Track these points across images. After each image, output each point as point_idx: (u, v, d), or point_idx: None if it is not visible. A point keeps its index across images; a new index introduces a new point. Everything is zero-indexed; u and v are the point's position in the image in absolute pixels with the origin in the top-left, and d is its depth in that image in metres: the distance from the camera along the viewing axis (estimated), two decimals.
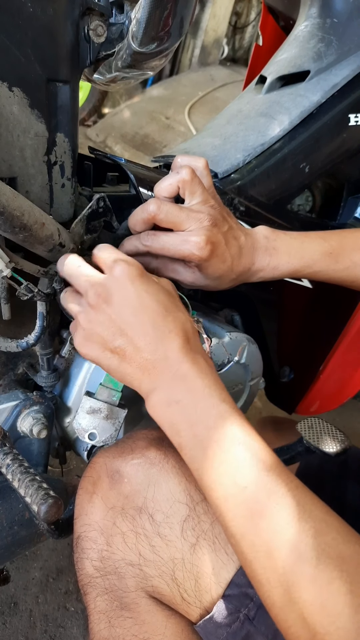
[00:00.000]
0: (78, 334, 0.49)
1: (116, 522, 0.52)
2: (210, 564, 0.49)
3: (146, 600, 0.51)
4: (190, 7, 0.48)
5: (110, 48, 0.51)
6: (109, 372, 0.50)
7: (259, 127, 0.75)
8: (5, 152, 0.46)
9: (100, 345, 0.48)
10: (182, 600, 0.50)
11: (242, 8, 4.63)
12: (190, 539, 0.50)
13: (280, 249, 0.60)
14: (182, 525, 0.50)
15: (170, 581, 0.50)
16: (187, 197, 0.55)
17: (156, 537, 0.50)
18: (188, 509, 0.51)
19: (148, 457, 0.53)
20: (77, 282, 0.49)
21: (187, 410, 0.45)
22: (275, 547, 0.40)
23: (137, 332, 0.47)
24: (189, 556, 0.50)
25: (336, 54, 0.75)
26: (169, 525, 0.50)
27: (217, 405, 0.45)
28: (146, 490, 0.52)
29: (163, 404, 0.47)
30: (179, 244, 0.54)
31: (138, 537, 0.51)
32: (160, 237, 0.55)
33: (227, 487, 0.43)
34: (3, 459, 0.49)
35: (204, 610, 0.50)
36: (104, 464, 0.55)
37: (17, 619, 1.01)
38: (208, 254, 0.54)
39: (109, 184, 0.69)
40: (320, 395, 0.93)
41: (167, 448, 0.54)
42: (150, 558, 0.50)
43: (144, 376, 0.48)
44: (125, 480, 0.53)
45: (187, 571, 0.49)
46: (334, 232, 0.64)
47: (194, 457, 0.45)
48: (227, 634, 0.48)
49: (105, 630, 0.50)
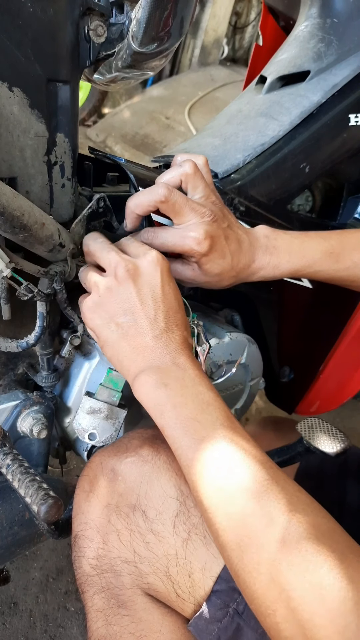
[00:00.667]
0: (91, 299, 0.52)
1: (111, 520, 0.52)
2: (202, 558, 0.50)
3: (142, 598, 0.51)
4: (190, 7, 0.48)
5: (110, 48, 0.51)
6: (103, 346, 0.52)
7: (259, 127, 0.75)
8: (5, 152, 0.46)
9: (109, 315, 0.51)
10: (177, 597, 0.50)
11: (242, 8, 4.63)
12: (182, 534, 0.50)
13: (281, 247, 0.60)
14: (173, 520, 0.51)
15: (164, 577, 0.50)
16: (189, 191, 0.55)
17: (149, 533, 0.51)
18: (179, 504, 0.51)
19: (141, 455, 0.54)
20: (107, 255, 0.51)
21: (173, 393, 0.47)
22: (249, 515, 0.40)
23: (149, 316, 0.50)
24: (182, 551, 0.50)
25: (336, 54, 0.75)
26: (161, 522, 0.51)
27: (202, 392, 0.48)
28: (139, 488, 0.52)
29: (151, 385, 0.48)
30: (179, 239, 0.54)
31: (132, 534, 0.51)
32: (160, 233, 0.55)
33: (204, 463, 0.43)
34: (3, 459, 0.49)
35: (198, 606, 0.50)
36: (100, 463, 0.55)
37: (17, 619, 1.01)
38: (207, 248, 0.54)
39: (109, 184, 0.69)
40: (320, 395, 0.93)
41: (160, 445, 0.55)
42: (144, 555, 0.51)
43: (137, 357, 0.50)
44: (119, 478, 0.53)
45: (181, 567, 0.50)
46: (334, 232, 0.64)
47: (175, 437, 0.46)
48: (218, 630, 0.49)
49: (103, 628, 0.51)
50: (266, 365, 0.82)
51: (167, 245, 0.55)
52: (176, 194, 0.53)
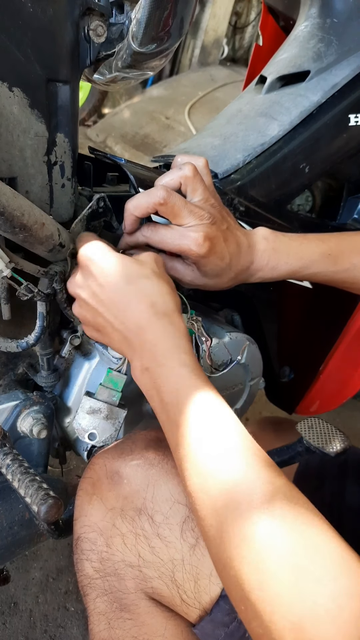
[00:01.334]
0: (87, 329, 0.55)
1: (115, 524, 0.52)
2: (210, 564, 0.49)
3: (146, 602, 0.51)
4: (190, 7, 0.48)
5: (110, 48, 0.51)
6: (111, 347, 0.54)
7: (259, 127, 0.75)
8: (5, 152, 0.46)
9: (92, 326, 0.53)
10: (182, 602, 0.50)
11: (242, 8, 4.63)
12: (190, 539, 0.50)
13: (279, 249, 0.60)
14: (181, 526, 0.50)
15: (169, 582, 0.50)
16: (188, 194, 0.55)
17: (156, 538, 0.50)
18: (187, 510, 0.51)
19: (147, 458, 0.54)
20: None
21: (153, 376, 0.47)
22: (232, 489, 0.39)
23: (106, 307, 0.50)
24: (189, 557, 0.50)
25: (336, 54, 0.75)
26: (168, 527, 0.50)
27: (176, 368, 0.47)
28: (145, 491, 0.52)
29: (138, 371, 0.49)
30: (178, 238, 0.54)
31: (137, 538, 0.51)
32: (159, 230, 0.55)
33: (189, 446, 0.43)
34: (3, 459, 0.49)
35: (203, 612, 0.50)
36: (103, 465, 0.55)
37: (17, 619, 1.01)
38: (206, 250, 0.54)
39: (109, 184, 0.69)
40: (320, 395, 0.93)
41: (166, 449, 0.54)
42: (149, 559, 0.50)
43: (124, 346, 0.51)
44: (124, 481, 0.53)
45: (187, 572, 0.49)
46: (333, 234, 0.64)
47: (162, 421, 0.46)
48: (224, 635, 0.48)
49: (105, 631, 0.50)
50: (266, 365, 0.82)
51: (165, 242, 0.55)
52: (175, 196, 0.53)
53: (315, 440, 0.58)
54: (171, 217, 0.54)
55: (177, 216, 0.53)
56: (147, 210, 0.54)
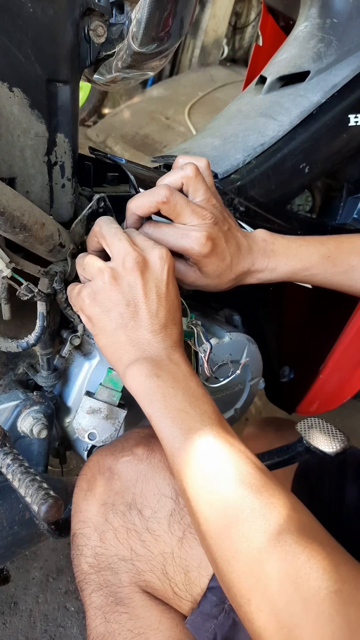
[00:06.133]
0: (91, 287, 0.51)
1: (108, 518, 0.52)
2: (198, 556, 0.50)
3: (140, 596, 0.51)
4: (190, 8, 0.48)
5: (110, 48, 0.51)
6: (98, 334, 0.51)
7: (258, 127, 0.75)
8: (5, 153, 0.46)
9: (111, 304, 0.50)
10: (174, 595, 0.51)
11: (242, 8, 4.63)
12: (177, 532, 0.51)
13: (279, 251, 0.61)
14: (168, 519, 0.51)
15: (161, 575, 0.51)
16: (190, 194, 0.55)
17: (145, 532, 0.51)
18: (173, 503, 0.52)
19: (136, 454, 0.55)
20: (119, 243, 0.50)
21: (164, 384, 0.47)
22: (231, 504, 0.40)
23: (151, 310, 0.50)
24: (178, 550, 0.50)
25: (336, 54, 0.75)
26: (156, 520, 0.51)
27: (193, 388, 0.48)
28: (135, 486, 0.53)
29: (143, 374, 0.48)
30: (180, 236, 0.54)
31: (129, 532, 0.52)
32: (162, 228, 0.55)
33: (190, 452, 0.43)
34: (3, 459, 0.49)
35: (195, 604, 0.50)
36: (97, 462, 0.56)
37: (17, 619, 1.01)
38: (208, 250, 0.54)
39: (109, 184, 0.69)
40: (320, 395, 0.93)
41: (155, 444, 0.55)
42: (141, 553, 0.51)
43: (132, 348, 0.50)
44: (116, 477, 0.54)
45: (177, 565, 0.50)
46: (332, 236, 0.65)
47: (162, 426, 0.46)
48: (214, 626, 0.49)
49: (101, 625, 0.51)
50: (266, 365, 0.82)
51: (167, 240, 0.55)
52: (177, 195, 0.53)
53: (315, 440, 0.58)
54: (173, 216, 0.54)
55: (179, 215, 0.54)
56: (149, 209, 0.54)
